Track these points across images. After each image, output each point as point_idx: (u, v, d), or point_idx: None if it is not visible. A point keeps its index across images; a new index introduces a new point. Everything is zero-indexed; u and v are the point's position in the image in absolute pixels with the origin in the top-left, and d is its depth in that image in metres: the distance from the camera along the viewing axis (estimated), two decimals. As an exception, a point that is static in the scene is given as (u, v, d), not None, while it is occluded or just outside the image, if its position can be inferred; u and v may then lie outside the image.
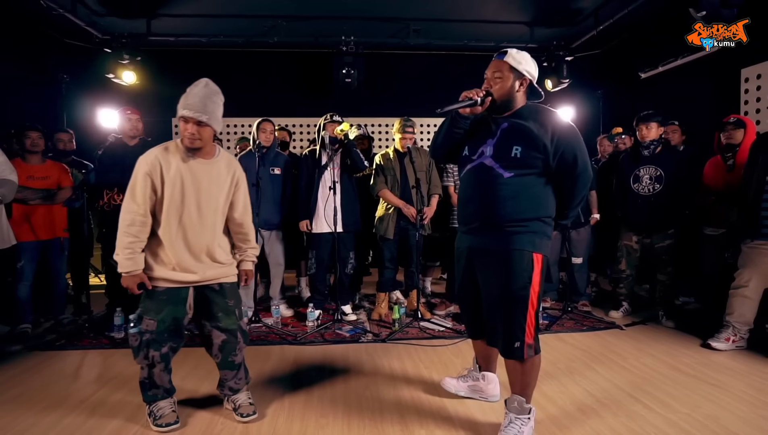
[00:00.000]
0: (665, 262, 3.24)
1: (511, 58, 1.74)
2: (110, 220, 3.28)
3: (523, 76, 1.76)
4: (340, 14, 4.77)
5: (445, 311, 3.62)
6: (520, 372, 1.73)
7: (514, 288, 1.68)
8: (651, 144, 3.21)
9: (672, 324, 3.20)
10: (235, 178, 1.95)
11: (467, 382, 2.14)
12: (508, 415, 1.74)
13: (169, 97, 5.20)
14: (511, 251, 1.69)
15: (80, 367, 2.59)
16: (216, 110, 1.81)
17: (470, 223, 1.83)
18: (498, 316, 1.73)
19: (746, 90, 3.87)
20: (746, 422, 1.88)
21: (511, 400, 1.75)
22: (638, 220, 3.27)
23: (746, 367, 2.48)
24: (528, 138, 1.69)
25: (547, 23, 5.08)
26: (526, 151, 1.69)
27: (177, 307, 1.86)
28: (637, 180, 3.27)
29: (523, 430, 1.69)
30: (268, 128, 3.42)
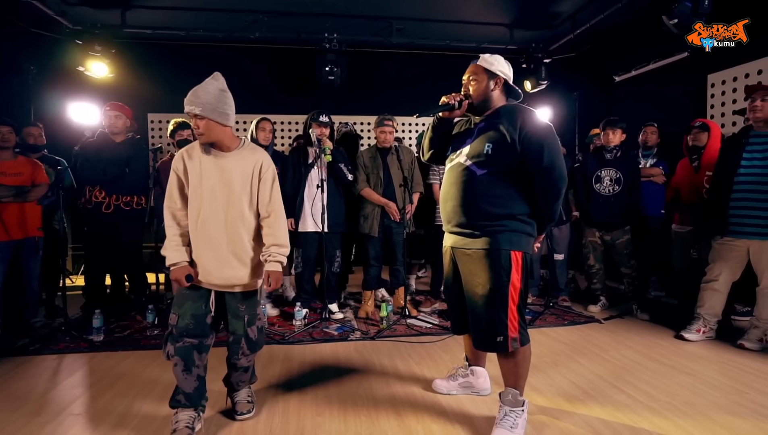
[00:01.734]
0: (627, 256, 3.44)
1: (483, 61, 1.85)
2: (91, 218, 3.17)
3: (496, 76, 1.84)
4: (322, 11, 4.73)
5: (431, 308, 3.67)
6: (511, 364, 1.78)
7: (493, 286, 1.72)
8: (614, 148, 3.41)
9: (647, 317, 3.36)
10: (258, 170, 1.85)
11: (457, 380, 2.17)
12: (503, 408, 1.78)
13: (145, 92, 5.12)
14: (489, 250, 1.73)
15: (58, 372, 2.48)
16: (213, 101, 1.76)
17: (450, 221, 1.88)
18: (479, 312, 1.77)
19: (712, 95, 4.09)
20: (721, 407, 2.00)
21: (505, 393, 1.79)
22: (599, 218, 3.47)
23: (716, 356, 2.63)
24: (498, 135, 1.74)
25: (526, 26, 5.20)
26: (497, 149, 1.74)
27: (196, 304, 1.82)
28: (598, 180, 3.46)
29: (518, 422, 1.74)
30: (267, 127, 3.39)
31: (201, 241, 1.80)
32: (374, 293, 3.65)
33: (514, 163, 1.73)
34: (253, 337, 1.93)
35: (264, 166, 1.86)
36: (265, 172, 1.86)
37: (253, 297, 1.93)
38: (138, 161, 3.20)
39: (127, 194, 3.18)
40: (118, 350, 2.77)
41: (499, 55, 1.87)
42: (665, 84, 4.56)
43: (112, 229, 3.15)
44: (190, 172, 1.80)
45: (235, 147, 1.86)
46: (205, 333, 1.84)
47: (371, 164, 3.40)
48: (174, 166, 1.83)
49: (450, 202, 1.85)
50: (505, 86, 1.87)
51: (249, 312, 1.90)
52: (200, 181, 1.79)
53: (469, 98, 1.85)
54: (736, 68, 3.84)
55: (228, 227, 1.81)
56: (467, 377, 2.15)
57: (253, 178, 1.85)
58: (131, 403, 2.08)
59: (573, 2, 4.61)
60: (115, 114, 3.10)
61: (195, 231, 1.81)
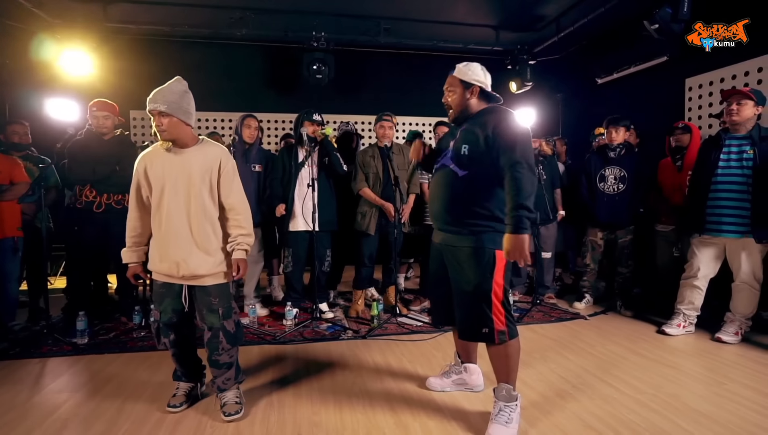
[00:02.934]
0: (627, 256, 3.50)
1: (458, 72, 1.93)
2: (82, 218, 3.09)
3: (472, 86, 1.91)
4: (310, 9, 4.71)
5: (420, 307, 3.70)
6: (502, 358, 1.82)
7: (477, 283, 1.79)
8: (617, 147, 3.46)
9: (630, 313, 3.47)
10: (218, 163, 1.92)
11: (450, 378, 2.20)
12: (498, 403, 1.81)
13: (127, 88, 4.99)
14: (474, 249, 1.80)
15: (42, 376, 2.41)
16: (178, 100, 1.84)
17: (437, 219, 1.97)
18: (465, 306, 1.85)
19: (690, 98, 4.24)
20: (703, 398, 2.09)
21: (498, 389, 1.83)
22: (604, 217, 3.50)
23: (696, 350, 2.74)
24: (473, 136, 1.83)
25: (512, 28, 5.28)
26: (473, 149, 1.82)
27: (174, 300, 1.92)
28: (603, 179, 3.50)
29: (512, 416, 1.78)
30: (253, 124, 3.34)
31: (167, 236, 1.87)
32: (364, 292, 3.66)
33: (490, 162, 1.78)
34: (231, 330, 1.97)
35: (223, 160, 1.94)
36: (225, 166, 1.94)
37: (225, 289, 1.98)
38: (128, 158, 3.12)
39: (118, 192, 3.10)
40: (104, 353, 2.70)
41: (476, 63, 1.94)
42: (646, 87, 4.70)
43: (104, 229, 3.07)
44: (151, 173, 1.88)
45: (193, 144, 1.94)
46: (190, 326, 2.03)
47: (371, 163, 3.40)
48: (135, 169, 1.92)
49: (437, 201, 1.94)
50: (482, 93, 1.93)
51: (223, 304, 1.95)
52: (162, 178, 1.87)
53: (450, 108, 1.97)
54: (712, 73, 3.99)
55: (192, 220, 1.87)
56: (460, 374, 2.18)
57: (213, 173, 1.92)
58: (122, 407, 2.04)
59: (558, 5, 4.71)
60: (103, 115, 3.02)
61: (160, 227, 1.88)
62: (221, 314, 1.93)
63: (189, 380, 2.07)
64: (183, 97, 1.87)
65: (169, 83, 1.89)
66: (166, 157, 1.88)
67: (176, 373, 2.07)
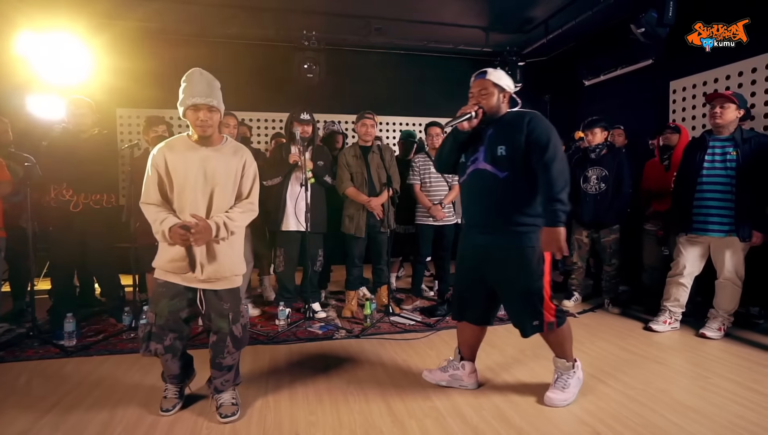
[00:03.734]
0: (611, 255, 3.56)
1: (493, 76, 2.00)
2: (57, 218, 3.02)
3: (504, 90, 2.01)
4: (301, 8, 4.68)
5: (412, 306, 3.72)
6: (558, 341, 2.06)
7: (530, 282, 1.92)
8: (596, 147, 3.53)
9: (617, 311, 3.55)
10: (242, 166, 1.91)
11: (447, 372, 2.24)
12: (557, 371, 2.09)
13: (113, 86, 4.89)
14: (524, 249, 1.90)
15: (30, 380, 2.35)
16: (220, 95, 1.86)
17: (477, 223, 2.04)
18: (517, 304, 1.99)
19: (674, 100, 4.35)
20: (690, 392, 2.15)
21: (555, 361, 2.11)
22: (587, 216, 3.57)
23: (682, 345, 2.82)
24: (508, 136, 1.92)
25: (501, 29, 5.33)
26: (509, 149, 1.90)
27: (173, 301, 1.86)
28: (586, 180, 3.57)
29: (569, 382, 2.05)
30: (231, 122, 3.29)
31: None
32: (357, 292, 3.66)
33: (525, 158, 1.88)
34: (238, 335, 1.95)
35: (248, 163, 1.93)
36: (248, 169, 1.93)
37: (236, 294, 1.95)
38: (108, 158, 3.07)
39: (96, 192, 3.04)
40: (93, 355, 2.65)
41: (501, 71, 2.05)
42: (632, 88, 4.81)
43: (81, 229, 3.01)
44: (173, 168, 1.81)
45: (219, 142, 1.91)
46: (182, 328, 1.92)
47: (354, 163, 3.39)
48: (154, 163, 1.82)
49: (477, 205, 2.02)
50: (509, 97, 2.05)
51: (233, 309, 1.92)
52: (185, 176, 1.81)
53: (482, 108, 1.99)
54: (695, 76, 4.10)
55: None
56: (457, 370, 2.21)
57: (237, 174, 1.89)
58: (114, 410, 2.00)
59: (546, 8, 4.78)
60: (80, 112, 2.95)
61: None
62: (231, 319, 1.90)
63: (177, 382, 2.02)
64: (220, 91, 1.87)
65: (204, 75, 1.82)
66: (190, 153, 1.83)
67: (164, 376, 2.01)
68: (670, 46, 4.17)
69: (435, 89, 6.14)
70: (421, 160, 3.69)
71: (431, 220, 3.64)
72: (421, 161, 3.69)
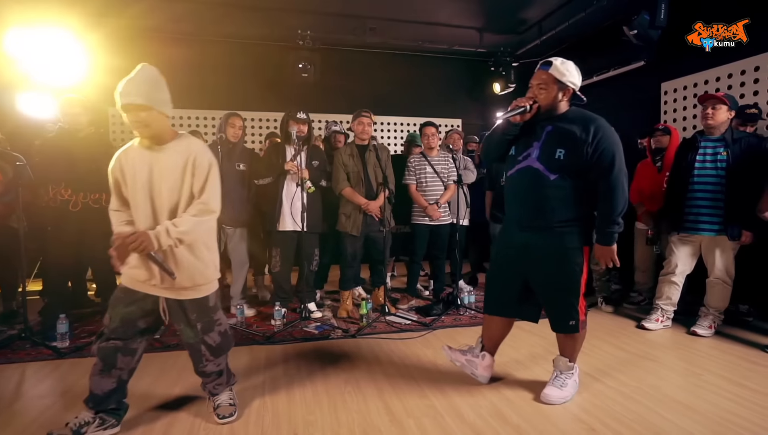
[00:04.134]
0: None
1: (555, 71, 1.88)
2: (56, 218, 2.99)
3: (566, 87, 1.90)
4: (296, 7, 4.68)
5: (408, 305, 3.73)
6: (572, 341, 2.07)
7: (569, 279, 1.94)
8: None
9: (610, 309, 3.59)
10: (192, 160, 1.71)
11: (465, 356, 2.27)
12: (556, 371, 2.11)
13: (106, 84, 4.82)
14: (566, 249, 1.92)
15: (22, 381, 2.33)
16: (153, 90, 1.66)
17: (519, 220, 2.02)
18: (557, 302, 2.00)
19: (665, 101, 4.41)
20: (682, 389, 2.19)
21: (557, 359, 2.11)
22: None
23: (673, 343, 2.86)
24: (571, 141, 1.84)
25: (495, 30, 5.38)
26: (569, 154, 1.85)
27: (128, 308, 1.74)
28: None
29: (567, 382, 2.06)
30: (237, 123, 3.28)
31: None
32: (352, 292, 3.66)
33: (584, 168, 1.85)
34: (214, 343, 1.86)
35: (198, 159, 1.72)
36: (199, 166, 1.71)
37: (203, 303, 1.82)
38: (105, 157, 3.03)
39: (95, 191, 3.01)
40: (86, 357, 2.62)
41: (571, 62, 1.92)
42: (624, 90, 4.86)
43: (80, 229, 2.98)
44: (126, 173, 1.71)
45: (170, 140, 1.74)
46: (130, 335, 1.76)
47: (350, 162, 3.39)
48: (112, 169, 1.74)
49: (522, 202, 2.00)
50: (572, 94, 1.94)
51: (202, 319, 1.82)
52: (134, 179, 1.70)
53: (537, 103, 1.92)
54: (685, 78, 4.16)
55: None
56: (476, 358, 2.24)
57: (186, 173, 1.71)
58: (110, 411, 1.98)
59: (540, 9, 4.82)
60: (75, 111, 2.92)
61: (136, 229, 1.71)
62: (200, 329, 1.81)
63: (94, 406, 1.75)
64: (158, 85, 1.68)
65: (137, 71, 1.66)
66: (139, 155, 1.70)
67: (89, 397, 1.75)
68: (662, 48, 4.23)
69: (429, 89, 6.16)
70: (417, 159, 3.70)
71: (427, 220, 3.66)
72: (416, 161, 3.69)
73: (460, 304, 3.53)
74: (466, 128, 5.91)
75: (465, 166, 3.95)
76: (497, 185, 3.90)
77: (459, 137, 4.33)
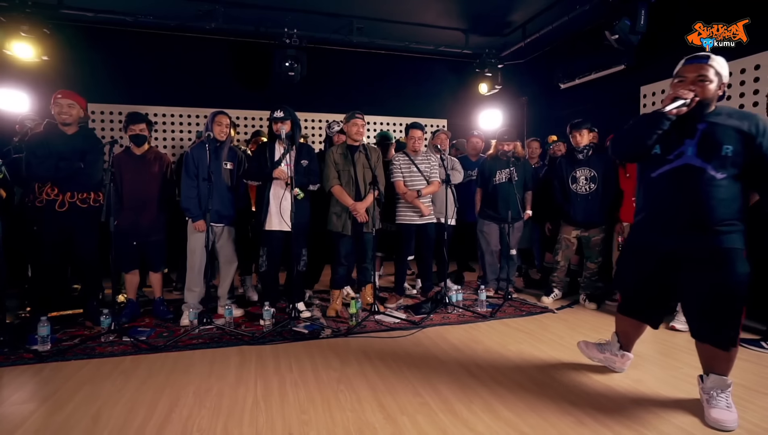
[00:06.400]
0: (597, 253, 3.69)
1: (716, 64, 1.84)
2: (42, 218, 2.90)
3: (723, 82, 1.85)
4: (282, 5, 4.64)
5: (396, 304, 3.75)
6: (725, 358, 1.87)
7: (735, 287, 1.78)
8: (584, 148, 3.64)
9: (594, 306, 3.69)
10: None
11: (603, 353, 2.38)
12: (713, 391, 1.88)
13: (85, 80, 4.71)
14: (729, 251, 1.78)
15: (2, 387, 2.25)
16: None
17: (672, 223, 1.86)
18: (714, 313, 1.82)
19: (644, 105, 4.55)
20: (663, 382, 2.27)
21: (712, 379, 1.90)
22: (579, 217, 3.66)
23: (654, 338, 2.96)
24: (738, 137, 1.76)
25: (480, 32, 5.45)
26: (737, 151, 1.76)
27: None
28: (574, 181, 3.68)
29: (730, 401, 1.86)
30: (224, 121, 3.24)
31: None
32: (341, 291, 3.66)
33: (753, 164, 1.76)
34: None
35: None
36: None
37: None
38: (93, 154, 2.97)
39: (83, 191, 2.93)
40: (70, 360, 2.56)
41: (722, 58, 1.87)
42: (605, 92, 5.00)
43: (67, 229, 2.90)
44: None
45: None
46: None
47: (342, 162, 3.39)
48: None
49: (678, 205, 1.84)
50: None
51: None
52: None
53: (697, 96, 1.79)
54: (664, 81, 4.30)
55: None
56: (615, 356, 2.33)
57: None
58: (97, 416, 1.94)
59: (524, 12, 4.91)
60: (68, 102, 2.85)
61: None
62: None
63: None
64: None
65: None
66: None
67: None
68: (641, 53, 4.37)
69: (415, 90, 6.20)
70: (402, 158, 3.72)
71: (415, 220, 3.68)
72: (402, 159, 3.72)
73: (449, 302, 3.57)
74: (451, 128, 5.98)
75: (452, 166, 4.00)
76: (489, 184, 3.97)
77: (446, 137, 4.36)
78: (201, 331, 3.00)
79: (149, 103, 5.14)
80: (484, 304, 3.64)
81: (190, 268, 3.21)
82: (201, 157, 3.13)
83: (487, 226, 4.01)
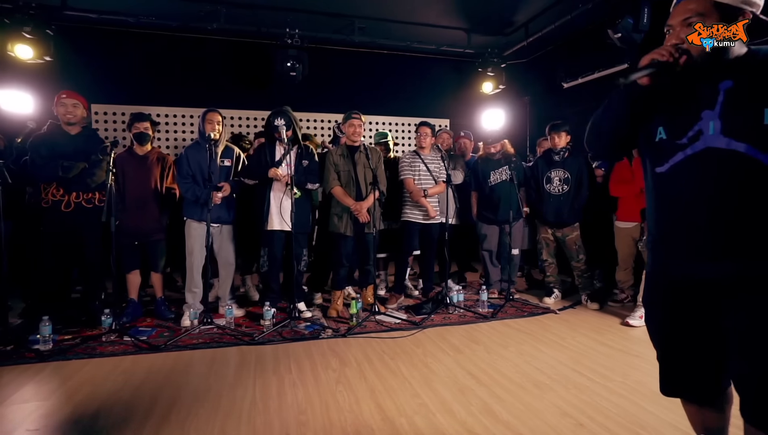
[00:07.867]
0: (577, 251, 3.72)
1: None
2: (48, 218, 2.93)
3: (738, 14, 1.11)
4: (283, 5, 4.64)
5: (397, 304, 3.74)
6: None
7: None
8: (561, 150, 3.67)
9: (596, 306, 3.66)
10: None
11: None
12: None
13: (88, 81, 4.73)
14: None
15: (3, 386, 2.26)
16: None
17: (702, 243, 1.14)
18: None
19: (648, 103, 4.51)
20: (665, 384, 2.25)
21: None
22: (550, 217, 3.73)
23: (656, 340, 2.94)
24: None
25: (483, 31, 5.42)
26: None
27: None
28: (549, 181, 3.72)
29: None
30: (215, 119, 3.22)
31: None
32: (342, 292, 3.66)
33: None
34: None
35: None
36: None
37: None
38: (97, 154, 2.98)
39: (88, 191, 2.95)
40: (71, 359, 2.57)
41: None
42: (608, 91, 4.92)
43: (73, 229, 2.92)
44: None
45: None
46: None
47: (341, 162, 3.39)
48: None
49: (705, 213, 1.12)
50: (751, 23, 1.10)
51: None
52: None
53: (686, 53, 1.12)
54: (667, 80, 4.26)
55: None
56: None
57: None
58: (96, 416, 1.95)
59: (527, 11, 4.88)
60: (72, 102, 2.87)
61: None
62: None
63: None
64: None
65: None
66: None
67: None
68: (644, 51, 4.32)
69: (417, 89, 6.19)
70: (411, 157, 3.72)
71: (420, 218, 3.67)
72: (411, 158, 3.71)
73: (450, 302, 3.56)
74: (453, 128, 5.95)
75: (454, 166, 3.99)
76: (484, 186, 3.94)
77: (448, 136, 4.38)
78: (202, 331, 3.00)
79: (151, 104, 5.16)
80: (485, 304, 3.62)
81: (189, 269, 3.22)
82: (197, 158, 3.14)
83: (486, 229, 4.00)
